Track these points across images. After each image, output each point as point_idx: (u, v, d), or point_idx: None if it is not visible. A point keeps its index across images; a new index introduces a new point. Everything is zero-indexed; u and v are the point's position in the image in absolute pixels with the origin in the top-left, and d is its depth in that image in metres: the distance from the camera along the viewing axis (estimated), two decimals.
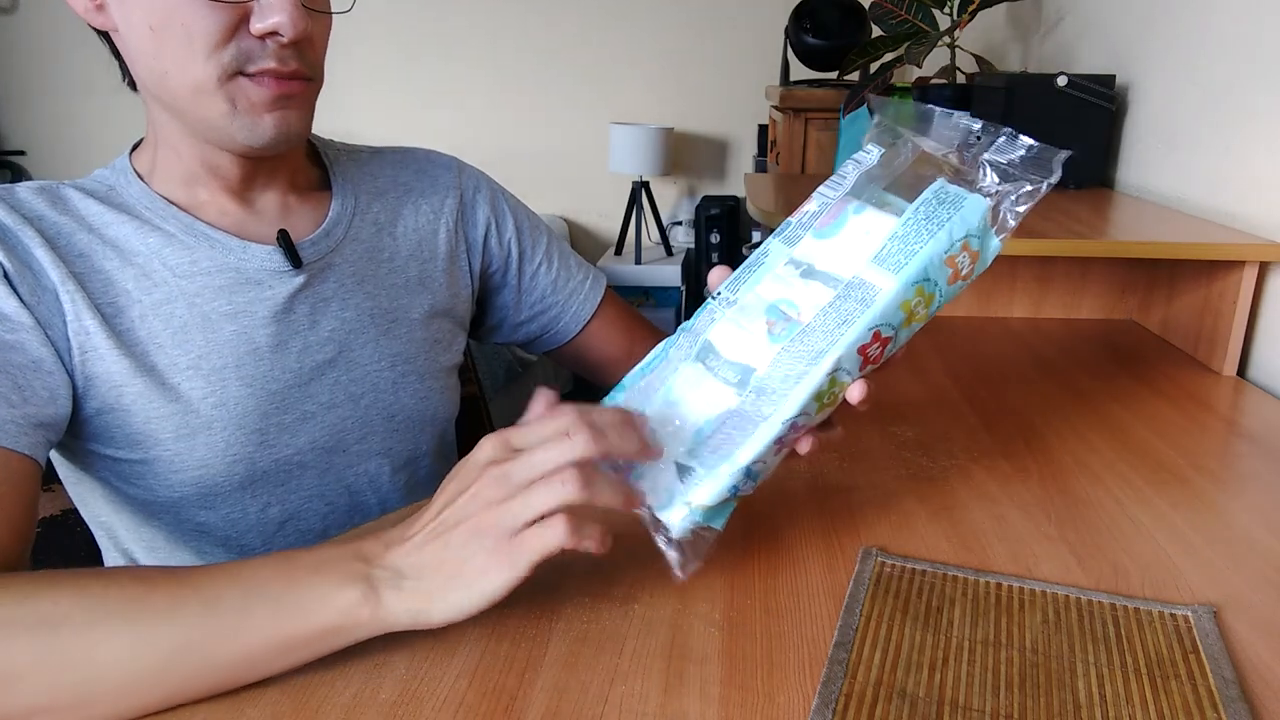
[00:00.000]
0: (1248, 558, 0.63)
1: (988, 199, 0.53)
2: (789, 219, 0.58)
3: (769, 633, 0.54)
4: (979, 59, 1.81)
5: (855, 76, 2.01)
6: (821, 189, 0.58)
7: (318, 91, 0.69)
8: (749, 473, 0.52)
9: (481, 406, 1.13)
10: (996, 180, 0.53)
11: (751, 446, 0.51)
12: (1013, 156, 0.53)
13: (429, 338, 0.80)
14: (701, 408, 0.53)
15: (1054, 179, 0.52)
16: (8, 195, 0.65)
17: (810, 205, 0.57)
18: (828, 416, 0.56)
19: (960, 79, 1.72)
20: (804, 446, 0.55)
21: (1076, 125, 1.32)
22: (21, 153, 3.55)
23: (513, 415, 0.50)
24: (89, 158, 3.42)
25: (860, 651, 0.52)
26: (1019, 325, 1.18)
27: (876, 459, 0.77)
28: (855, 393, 0.53)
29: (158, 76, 0.63)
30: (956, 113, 0.55)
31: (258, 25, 0.61)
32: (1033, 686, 0.49)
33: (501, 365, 2.35)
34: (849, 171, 0.58)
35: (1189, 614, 0.55)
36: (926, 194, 0.53)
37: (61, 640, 0.45)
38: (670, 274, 3.15)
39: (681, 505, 0.52)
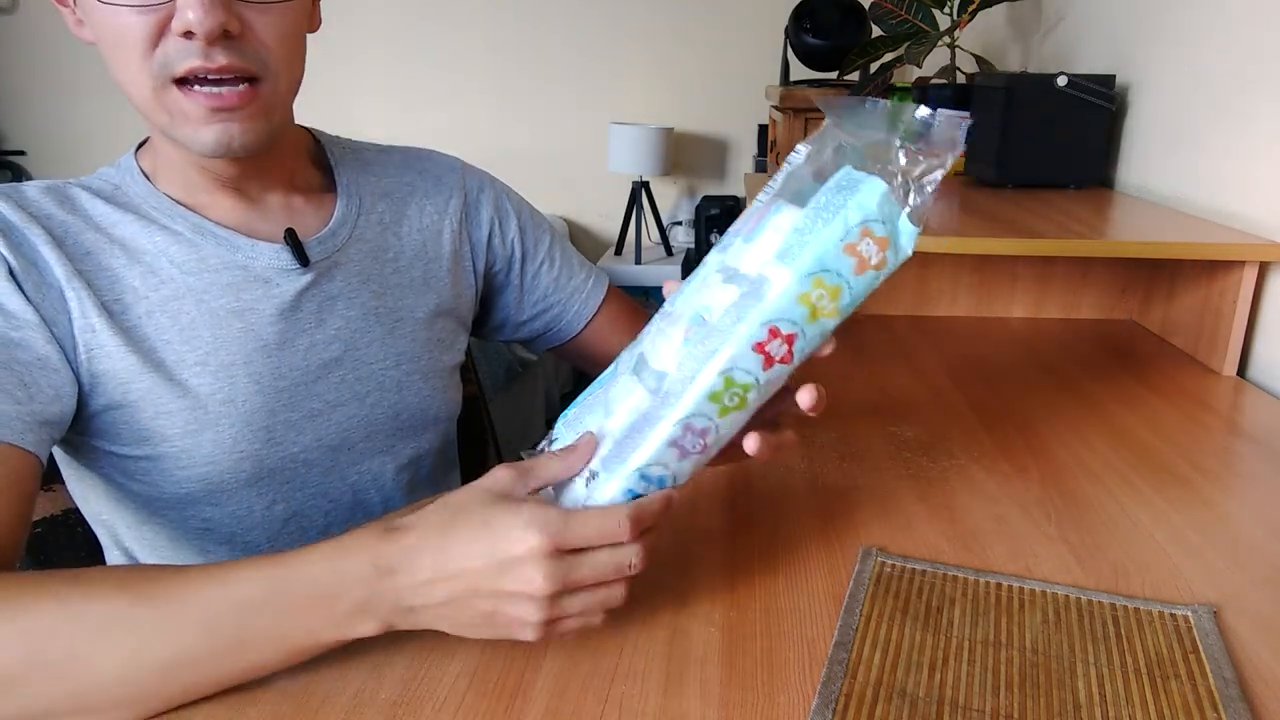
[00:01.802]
0: (1248, 558, 0.63)
1: (886, 180, 0.51)
2: (730, 228, 0.57)
3: (769, 633, 0.54)
4: (979, 59, 1.81)
5: (855, 76, 2.01)
6: (759, 195, 0.57)
7: (275, 94, 0.65)
8: (645, 477, 0.51)
9: (481, 406, 1.13)
10: (903, 160, 0.51)
11: (645, 450, 0.51)
12: (919, 131, 0.51)
13: (432, 338, 0.80)
14: (624, 415, 0.53)
15: (958, 150, 0.50)
16: (15, 194, 0.66)
17: (749, 212, 0.57)
18: (777, 418, 0.56)
19: (960, 79, 1.72)
20: (750, 445, 0.54)
21: (1076, 125, 1.32)
22: (21, 153, 3.55)
23: (513, 415, 0.51)
24: (89, 158, 3.43)
25: (860, 651, 0.52)
26: (1019, 325, 1.18)
27: (876, 459, 0.77)
28: (805, 399, 0.53)
29: (121, 86, 0.64)
30: (882, 100, 0.53)
31: (176, 23, 0.59)
32: (1033, 686, 0.49)
33: (502, 365, 2.35)
34: (779, 175, 0.57)
35: (1189, 614, 0.55)
36: (829, 182, 0.52)
37: (53, 654, 0.45)
38: (670, 274, 3.15)
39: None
